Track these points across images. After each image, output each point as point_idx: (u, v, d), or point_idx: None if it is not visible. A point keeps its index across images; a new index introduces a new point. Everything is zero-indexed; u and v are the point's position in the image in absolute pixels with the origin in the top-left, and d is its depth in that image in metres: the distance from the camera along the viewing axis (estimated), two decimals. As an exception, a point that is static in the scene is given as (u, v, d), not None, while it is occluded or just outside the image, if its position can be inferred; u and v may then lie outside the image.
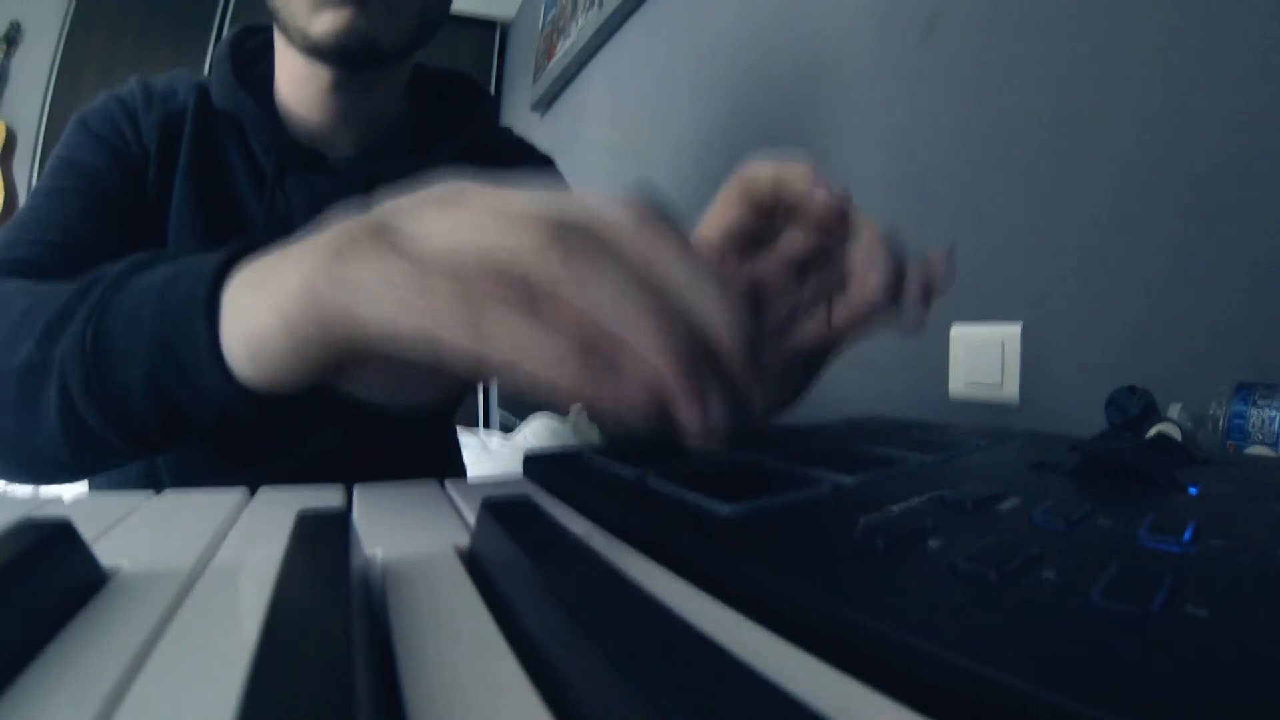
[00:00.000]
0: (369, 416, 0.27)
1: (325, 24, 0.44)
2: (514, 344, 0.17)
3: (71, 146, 0.49)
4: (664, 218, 0.20)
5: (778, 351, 0.29)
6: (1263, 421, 0.36)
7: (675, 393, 0.17)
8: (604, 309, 0.17)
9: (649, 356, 0.17)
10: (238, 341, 0.23)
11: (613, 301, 0.17)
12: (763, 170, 0.24)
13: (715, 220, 0.32)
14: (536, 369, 0.17)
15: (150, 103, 0.50)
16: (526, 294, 0.17)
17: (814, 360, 0.31)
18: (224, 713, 0.09)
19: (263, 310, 0.22)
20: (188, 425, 0.27)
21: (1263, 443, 0.36)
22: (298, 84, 0.51)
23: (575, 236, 0.18)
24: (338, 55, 0.46)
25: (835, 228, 0.25)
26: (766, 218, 0.31)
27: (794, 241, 0.30)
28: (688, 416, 0.18)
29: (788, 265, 0.31)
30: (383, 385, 0.25)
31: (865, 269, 0.26)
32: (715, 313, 0.19)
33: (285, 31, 0.47)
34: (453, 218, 0.19)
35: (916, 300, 0.27)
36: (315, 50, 0.46)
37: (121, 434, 0.27)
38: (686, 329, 0.18)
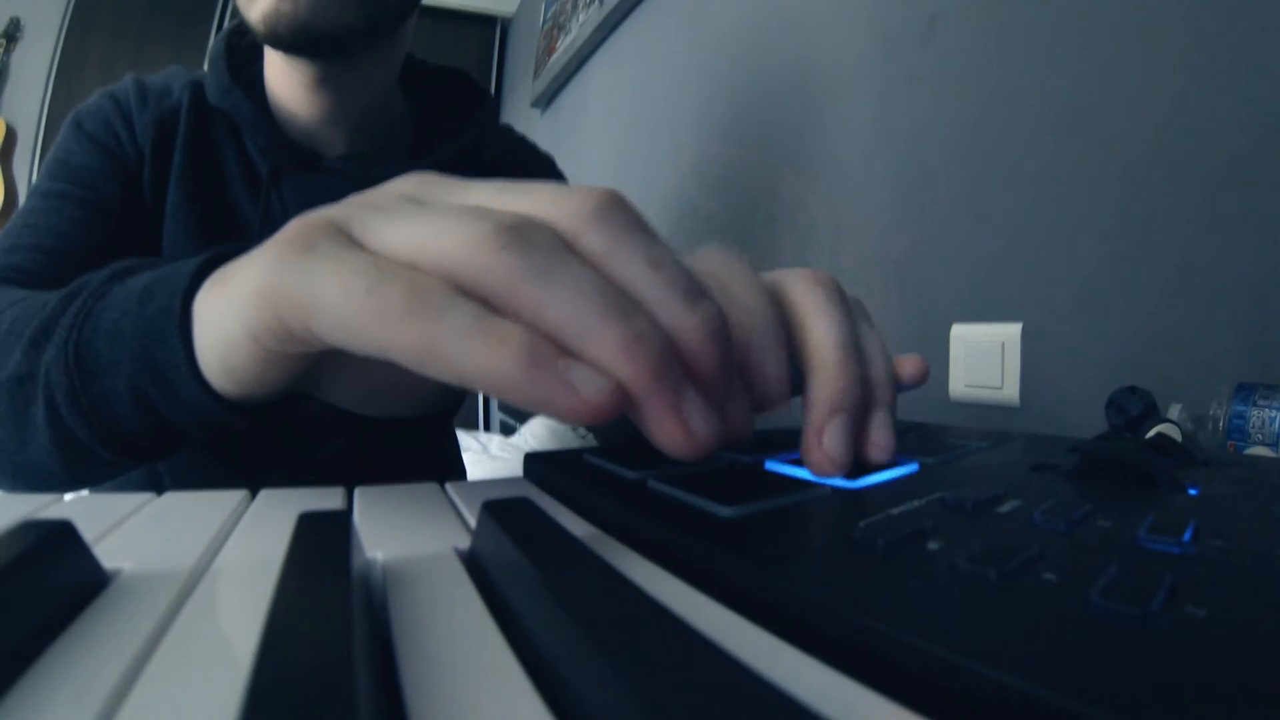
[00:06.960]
0: (366, 423, 0.26)
1: (258, 10, 0.44)
2: (462, 350, 0.16)
3: (66, 149, 0.48)
4: (629, 207, 0.19)
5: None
6: (1263, 422, 0.36)
7: (644, 402, 0.16)
8: (561, 313, 0.16)
9: (611, 363, 0.16)
10: (210, 352, 0.22)
11: (570, 304, 0.16)
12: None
13: None
14: (485, 376, 0.16)
15: (145, 101, 0.50)
16: (482, 297, 0.17)
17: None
18: (226, 713, 0.09)
19: (226, 319, 0.21)
20: (176, 435, 0.27)
21: (1263, 443, 0.36)
22: (283, 80, 0.50)
23: (532, 235, 0.17)
24: (272, 41, 0.45)
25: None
26: None
27: None
28: (661, 427, 0.17)
29: None
30: (358, 394, 0.24)
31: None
32: (684, 313, 0.17)
33: None
34: (413, 218, 0.18)
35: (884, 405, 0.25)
36: (260, 38, 0.46)
37: (110, 445, 0.26)
38: (653, 331, 0.17)
